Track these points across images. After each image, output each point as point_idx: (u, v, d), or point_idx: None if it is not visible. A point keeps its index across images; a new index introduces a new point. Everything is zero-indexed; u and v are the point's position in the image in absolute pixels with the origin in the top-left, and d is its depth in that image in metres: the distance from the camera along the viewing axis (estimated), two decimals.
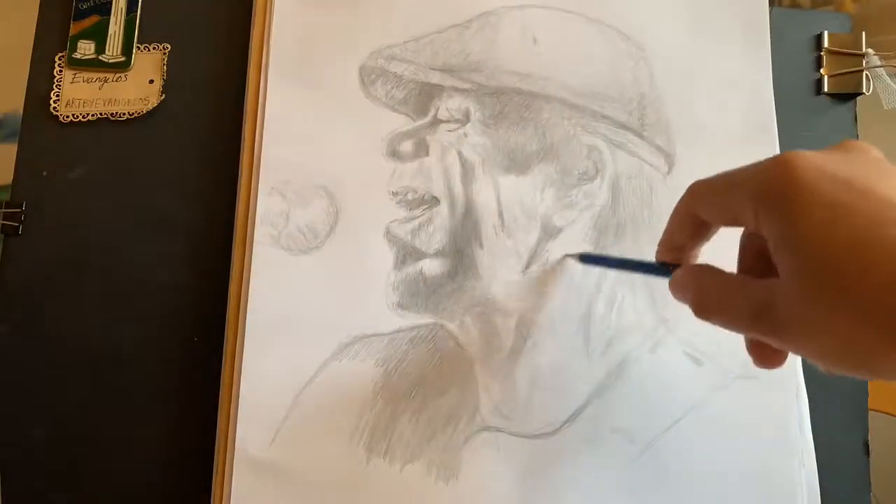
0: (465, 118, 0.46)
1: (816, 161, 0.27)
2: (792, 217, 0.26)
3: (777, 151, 0.47)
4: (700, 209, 0.32)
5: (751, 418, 0.43)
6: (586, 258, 0.43)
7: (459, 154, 0.45)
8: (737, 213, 0.29)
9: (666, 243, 0.35)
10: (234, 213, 0.44)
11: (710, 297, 0.30)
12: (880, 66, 0.50)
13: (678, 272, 0.33)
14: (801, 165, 0.26)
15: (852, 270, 0.24)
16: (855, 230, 0.25)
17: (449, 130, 0.46)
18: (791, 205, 0.26)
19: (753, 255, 0.32)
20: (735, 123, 0.48)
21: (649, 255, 0.45)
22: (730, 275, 0.31)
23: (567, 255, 0.44)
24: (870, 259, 0.24)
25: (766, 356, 0.32)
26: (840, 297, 0.25)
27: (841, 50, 0.50)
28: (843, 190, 0.26)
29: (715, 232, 0.33)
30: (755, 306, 0.28)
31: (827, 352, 0.26)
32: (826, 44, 0.51)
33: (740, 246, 0.33)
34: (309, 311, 0.43)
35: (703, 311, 0.31)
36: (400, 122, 0.46)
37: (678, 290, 0.33)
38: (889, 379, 0.25)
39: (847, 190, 0.25)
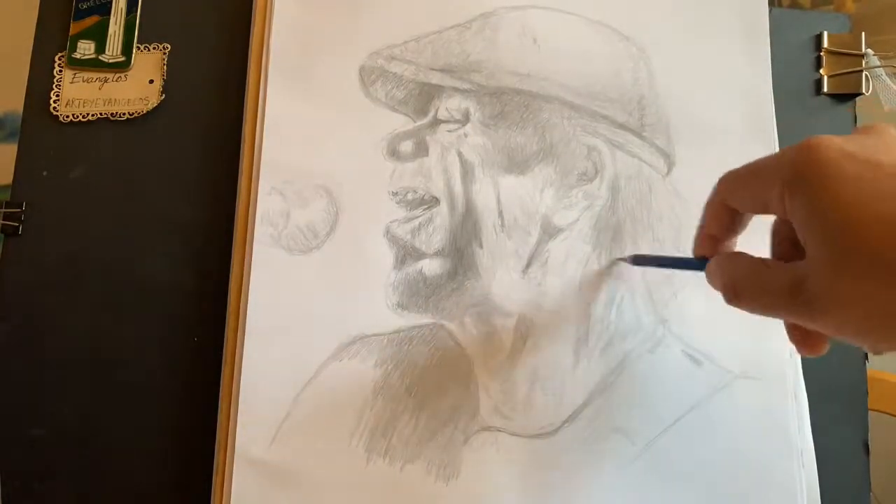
0: (465, 118, 0.46)
1: (839, 143, 0.28)
2: (817, 195, 0.27)
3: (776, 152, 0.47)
4: (730, 198, 0.33)
5: (750, 418, 0.43)
6: (638, 260, 0.43)
7: (459, 154, 0.45)
8: (765, 199, 0.30)
9: (701, 237, 0.36)
10: (234, 212, 0.44)
11: (741, 282, 0.31)
12: (880, 67, 0.50)
13: (712, 261, 0.33)
14: (824, 147, 0.27)
15: (879, 238, 0.25)
16: (881, 202, 0.25)
17: (449, 131, 0.46)
18: (815, 184, 0.27)
19: (784, 243, 0.33)
20: (735, 124, 0.48)
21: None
22: (761, 259, 0.31)
23: (618, 259, 0.44)
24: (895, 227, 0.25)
25: (806, 342, 0.32)
26: (870, 264, 0.25)
27: (840, 50, 0.50)
28: (867, 168, 0.26)
29: (748, 221, 0.34)
30: (787, 286, 0.28)
31: (861, 323, 0.26)
32: (826, 44, 0.51)
33: (771, 234, 0.34)
34: (309, 311, 0.43)
35: (736, 296, 0.31)
36: (400, 122, 0.46)
37: (711, 279, 0.33)
38: None
39: (872, 169, 0.26)
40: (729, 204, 0.33)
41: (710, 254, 0.35)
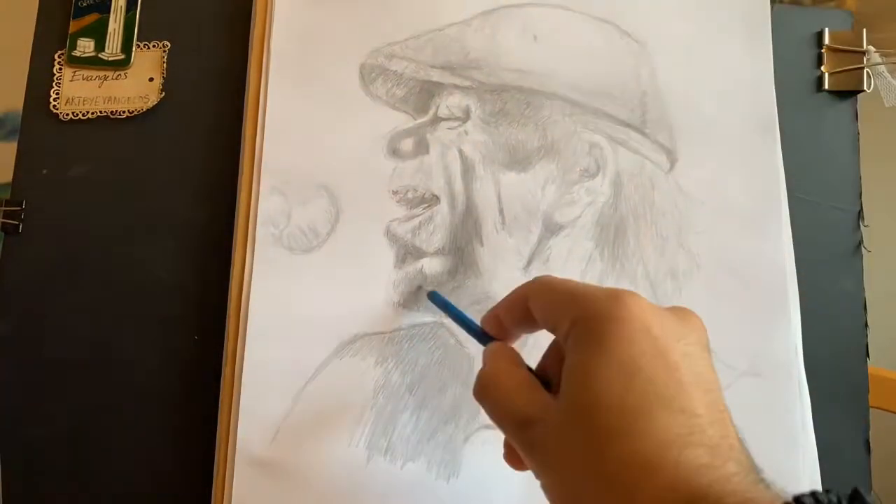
0: (466, 116, 0.46)
1: (646, 313, 0.26)
2: (591, 354, 0.26)
3: (779, 148, 0.47)
4: (532, 303, 0.32)
5: (753, 416, 0.43)
6: (434, 298, 0.42)
7: (460, 152, 0.45)
8: (556, 324, 0.29)
9: (491, 314, 0.35)
10: (234, 211, 0.44)
11: (493, 383, 0.31)
12: (881, 64, 0.50)
13: (491, 345, 0.33)
14: (630, 309, 0.26)
15: (615, 434, 0.24)
16: (639, 400, 0.24)
17: (449, 128, 0.46)
18: (598, 341, 0.26)
19: (553, 362, 0.32)
20: (736, 120, 0.48)
21: (651, 251, 0.45)
22: (525, 374, 0.30)
23: (422, 288, 0.43)
24: (635, 432, 0.24)
25: (515, 459, 0.32)
26: (593, 457, 0.24)
27: (842, 47, 0.50)
28: (650, 357, 0.25)
29: (537, 330, 0.32)
30: (521, 417, 0.28)
31: (556, 495, 0.26)
32: (827, 41, 0.51)
33: (547, 348, 0.33)
34: (309, 310, 0.43)
35: (479, 394, 0.31)
36: (400, 120, 0.46)
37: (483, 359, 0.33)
38: None
39: (653, 361, 0.25)
40: (529, 305, 0.32)
41: (494, 333, 0.35)
